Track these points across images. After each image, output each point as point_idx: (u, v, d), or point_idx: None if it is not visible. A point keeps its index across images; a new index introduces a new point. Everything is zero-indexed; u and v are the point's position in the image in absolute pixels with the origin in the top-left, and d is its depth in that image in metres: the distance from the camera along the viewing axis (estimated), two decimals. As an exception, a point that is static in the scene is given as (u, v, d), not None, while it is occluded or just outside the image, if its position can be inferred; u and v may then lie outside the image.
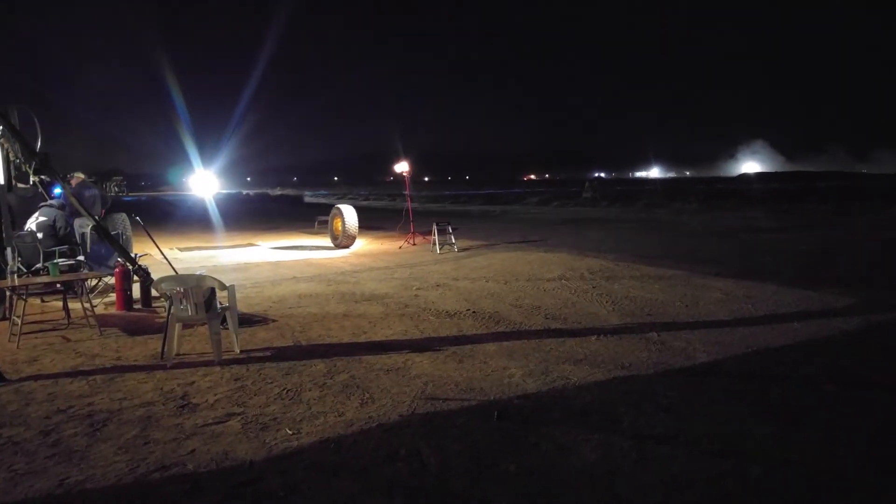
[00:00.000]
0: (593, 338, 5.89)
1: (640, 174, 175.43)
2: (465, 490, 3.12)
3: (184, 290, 5.38)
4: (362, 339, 6.13)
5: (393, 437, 3.77)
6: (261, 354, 5.64)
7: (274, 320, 6.99)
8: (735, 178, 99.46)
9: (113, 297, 8.20)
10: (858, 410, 3.95)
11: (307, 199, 56.14)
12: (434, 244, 13.39)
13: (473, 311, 7.16)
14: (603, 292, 8.08)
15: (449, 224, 14.21)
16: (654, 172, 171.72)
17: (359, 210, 16.00)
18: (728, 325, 6.25)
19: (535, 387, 4.56)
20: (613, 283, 8.69)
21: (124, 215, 10.37)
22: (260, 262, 12.74)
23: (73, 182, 9.59)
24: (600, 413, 4.03)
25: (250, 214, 33.19)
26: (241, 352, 5.68)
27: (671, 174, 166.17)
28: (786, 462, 3.29)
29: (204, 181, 21.24)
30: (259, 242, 16.86)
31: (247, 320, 6.87)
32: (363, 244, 15.49)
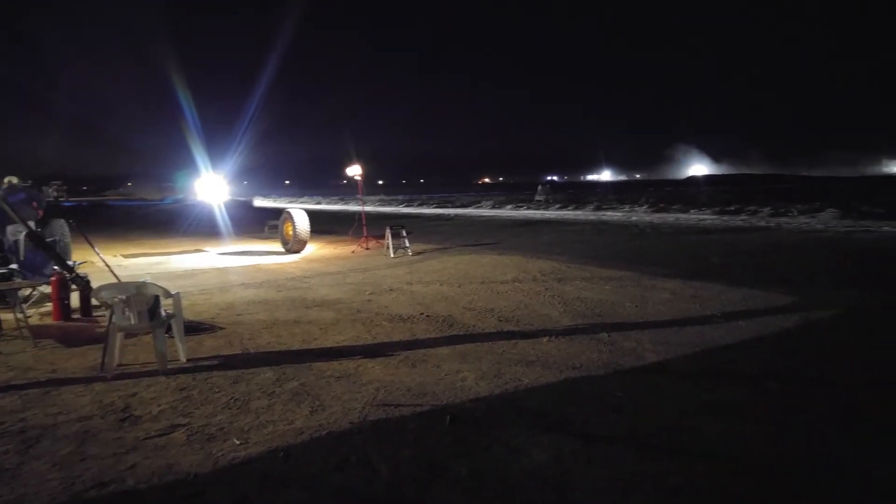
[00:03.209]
0: (545, 339, 5.93)
1: (591, 177, 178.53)
2: (416, 496, 3.08)
3: (126, 298, 5.18)
4: (313, 345, 6.02)
5: (343, 445, 3.71)
6: (208, 363, 5.47)
7: (222, 328, 6.81)
8: (683, 181, 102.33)
9: (50, 307, 7.85)
10: (799, 406, 4.07)
11: (257, 204, 55.12)
12: (388, 248, 13.31)
13: (427, 315, 7.13)
14: (555, 294, 8.15)
15: (403, 228, 14.15)
16: (606, 175, 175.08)
17: (310, 214, 15.79)
18: (676, 324, 6.38)
19: (488, 389, 4.56)
20: (565, 285, 8.78)
21: (63, 221, 9.95)
22: (208, 268, 12.42)
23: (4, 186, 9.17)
24: (552, 414, 4.04)
25: (199, 220, 32.41)
26: (188, 361, 5.50)
27: (622, 177, 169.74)
28: (730, 458, 3.35)
29: (211, 186, 18.96)
30: (207, 248, 16.45)
31: (193, 328, 6.67)
32: (315, 249, 15.28)
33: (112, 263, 9.01)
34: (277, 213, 16.53)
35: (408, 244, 13.61)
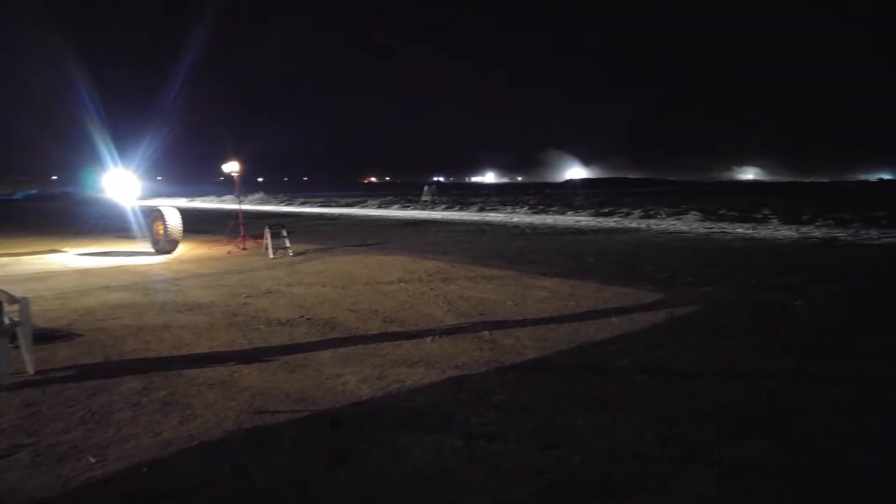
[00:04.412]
0: (429, 339, 5.94)
1: (476, 179, 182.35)
2: (293, 507, 2.96)
3: (-40, 304, 4.61)
4: (184, 351, 5.67)
5: (216, 456, 3.50)
6: (62, 374, 4.99)
7: (80, 335, 6.25)
8: (561, 184, 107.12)
9: None
10: (664, 397, 4.33)
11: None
12: (267, 249, 12.84)
13: (308, 318, 6.92)
14: (440, 294, 8.21)
15: (283, 227, 13.71)
16: (490, 177, 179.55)
17: (184, 212, 14.92)
18: (554, 321, 6.61)
19: (370, 392, 4.48)
20: (450, 285, 8.87)
21: None
22: (65, 270, 11.40)
23: None
24: (433, 414, 4.04)
25: (59, 218, 29.78)
26: (37, 372, 4.98)
27: (505, 179, 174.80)
28: (601, 450, 3.50)
29: (121, 183, 16.38)
30: (66, 249, 15.11)
31: (46, 336, 6.07)
32: (188, 249, 14.46)
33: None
34: (148, 212, 15.45)
35: (288, 244, 13.20)
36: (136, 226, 16.62)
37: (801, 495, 3.01)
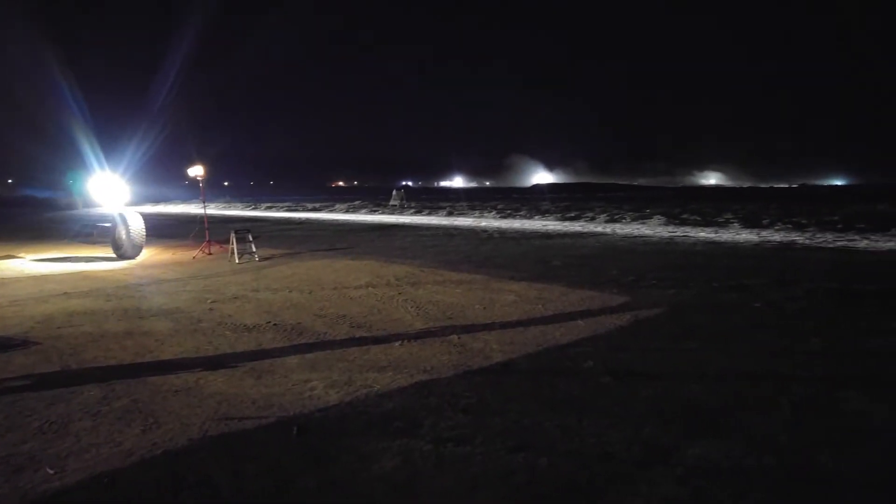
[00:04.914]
0: (397, 344, 5.93)
1: (445, 183, 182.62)
2: (259, 515, 2.92)
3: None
4: (147, 358, 5.56)
5: (180, 464, 3.44)
6: (18, 384, 4.85)
7: (37, 343, 6.08)
8: (529, 189, 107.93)
9: None
10: (629, 398, 4.40)
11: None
12: (232, 253, 12.66)
13: (274, 324, 6.85)
14: (408, 298, 8.20)
15: (249, 232, 13.53)
16: (458, 182, 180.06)
17: (147, 217, 14.63)
18: (521, 324, 6.65)
19: (338, 398, 4.46)
20: (418, 289, 8.86)
21: None
22: (21, 276, 11.08)
23: None
24: (402, 419, 4.03)
25: (19, 223, 28.92)
26: (-8, 382, 4.84)
27: (473, 184, 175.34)
28: (568, 452, 3.54)
29: (107, 188, 14.92)
30: (23, 255, 14.68)
31: (0, 345, 5.89)
32: (151, 255, 14.18)
33: None
34: (109, 217, 15.09)
35: (254, 249, 13.04)
36: (100, 231, 16.13)
37: (764, 493, 3.08)
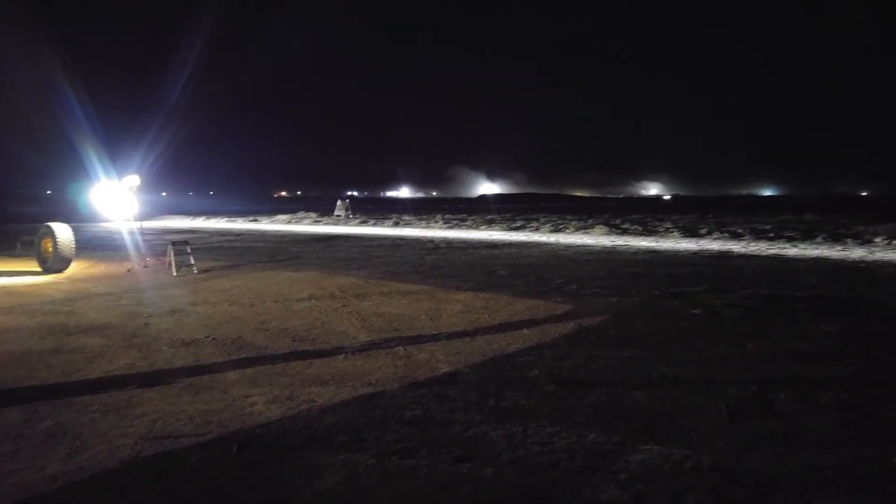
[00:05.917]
0: (341, 357, 5.82)
1: (391, 193, 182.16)
2: (194, 539, 2.79)
3: None
4: (75, 377, 5.28)
5: (109, 489, 3.26)
6: (-69, 407, 4.52)
7: (-46, 363, 5.69)
8: (476, 199, 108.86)
9: None
10: (574, 406, 4.43)
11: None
12: (170, 266, 12.24)
13: (214, 338, 6.63)
14: (353, 310, 8.08)
15: (187, 243, 13.12)
16: (404, 192, 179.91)
17: (77, 229, 13.99)
18: (468, 334, 6.65)
19: (280, 413, 4.33)
20: (363, 301, 8.75)
21: None
22: (-60, 292, 10.40)
23: None
24: (346, 433, 3.95)
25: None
26: None
27: (419, 194, 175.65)
28: (513, 461, 3.53)
29: (114, 199, 13.57)
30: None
31: (-87, 365, 5.50)
32: (82, 268, 13.56)
33: None
34: (34, 228, 14.35)
35: (193, 261, 12.64)
36: (24, 244, 15.25)
37: (702, 495, 3.14)
